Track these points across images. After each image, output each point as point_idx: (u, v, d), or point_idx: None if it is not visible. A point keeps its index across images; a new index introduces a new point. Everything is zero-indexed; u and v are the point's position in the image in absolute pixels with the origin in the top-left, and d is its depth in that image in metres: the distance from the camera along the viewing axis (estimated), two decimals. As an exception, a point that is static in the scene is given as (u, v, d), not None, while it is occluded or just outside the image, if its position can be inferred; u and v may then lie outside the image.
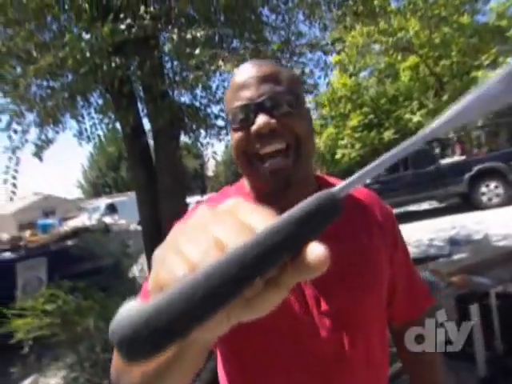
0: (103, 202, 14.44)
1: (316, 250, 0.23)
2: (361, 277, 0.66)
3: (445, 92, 12.60)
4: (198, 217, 0.27)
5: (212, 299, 0.21)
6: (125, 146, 3.47)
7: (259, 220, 0.24)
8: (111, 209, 13.08)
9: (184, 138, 3.45)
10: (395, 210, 9.43)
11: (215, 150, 3.41)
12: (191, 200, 8.65)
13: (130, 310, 0.22)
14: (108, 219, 9.77)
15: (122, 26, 2.26)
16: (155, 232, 3.26)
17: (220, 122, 3.39)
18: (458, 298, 2.36)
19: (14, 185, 3.14)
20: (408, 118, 13.25)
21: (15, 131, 3.28)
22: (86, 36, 2.29)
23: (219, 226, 0.24)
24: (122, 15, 2.35)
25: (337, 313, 0.63)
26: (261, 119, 0.62)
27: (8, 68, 2.76)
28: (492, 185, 7.74)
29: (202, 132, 3.40)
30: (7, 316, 2.64)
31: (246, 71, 0.68)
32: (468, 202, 8.05)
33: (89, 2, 2.54)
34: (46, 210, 20.62)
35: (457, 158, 9.72)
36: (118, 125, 3.53)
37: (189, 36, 2.02)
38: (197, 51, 2.03)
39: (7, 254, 4.47)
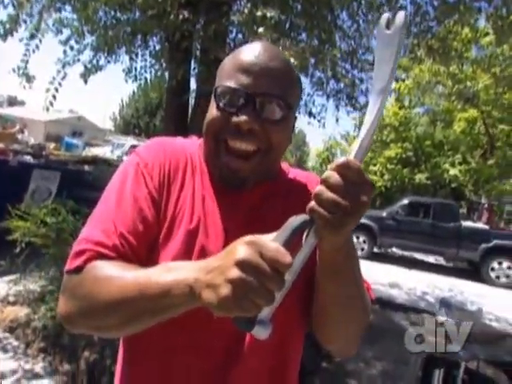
0: (130, 141, 14.67)
1: None
2: None
3: (492, 157, 12.15)
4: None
5: None
6: (166, 97, 3.52)
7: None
8: (134, 151, 13.28)
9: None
10: (400, 252, 9.30)
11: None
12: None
13: None
14: (128, 160, 9.92)
15: (202, -16, 2.27)
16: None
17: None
18: (427, 358, 2.32)
19: (54, 97, 3.25)
20: (446, 169, 12.87)
21: (71, 48, 3.37)
22: (165, -19, 2.32)
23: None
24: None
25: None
26: (245, 117, 0.60)
27: (83, -13, 2.83)
28: (505, 264, 7.46)
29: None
30: (11, 214, 2.78)
31: (257, 54, 0.63)
32: (475, 272, 7.81)
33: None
34: (75, 130, 21.18)
35: (480, 224, 9.41)
36: (166, 74, 3.57)
37: (259, 13, 2.01)
38: (260, 30, 2.02)
39: (28, 158, 4.65)
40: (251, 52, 0.63)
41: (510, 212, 13.56)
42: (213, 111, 0.64)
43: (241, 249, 0.43)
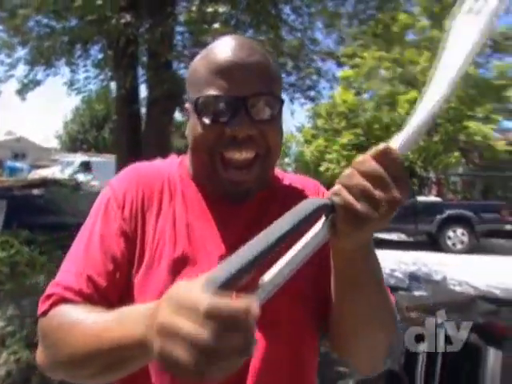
0: (79, 158, 13.93)
1: None
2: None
3: (436, 134, 12.98)
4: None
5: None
6: (115, 107, 3.36)
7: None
8: (85, 167, 12.65)
9: (177, 116, 3.38)
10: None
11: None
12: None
13: None
14: (81, 177, 9.46)
15: (142, -16, 2.16)
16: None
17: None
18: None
19: (-12, 118, 2.97)
20: (396, 149, 13.53)
21: (2, 62, 3.11)
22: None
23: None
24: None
25: None
26: (239, 125, 0.53)
27: (9, -6, 2.59)
28: (459, 231, 8.03)
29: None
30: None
31: (233, 51, 0.55)
32: (434, 243, 8.32)
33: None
34: (17, 152, 19.80)
35: (433, 198, 10.01)
36: (112, 84, 3.40)
37: (210, 9, 1.93)
38: (216, 25, 1.94)
39: (-35, 189, 4.24)
40: (225, 49, 0.56)
41: (455, 183, 14.62)
42: (198, 127, 0.57)
43: (159, 310, 0.35)
